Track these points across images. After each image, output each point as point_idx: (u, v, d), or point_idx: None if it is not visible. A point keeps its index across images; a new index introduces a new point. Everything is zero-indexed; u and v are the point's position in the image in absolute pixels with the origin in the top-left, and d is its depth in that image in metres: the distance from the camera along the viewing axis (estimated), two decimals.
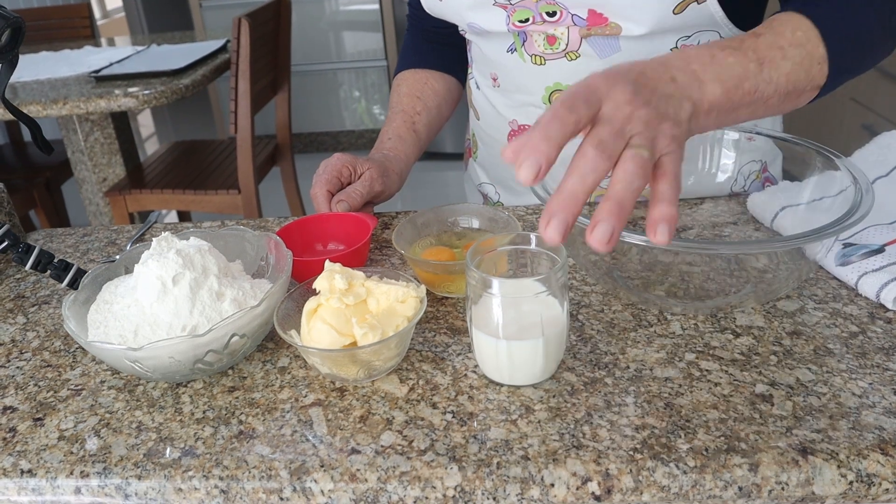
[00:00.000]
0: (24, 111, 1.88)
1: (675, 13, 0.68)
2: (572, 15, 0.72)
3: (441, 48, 0.95)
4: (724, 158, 0.72)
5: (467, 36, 0.86)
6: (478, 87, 0.89)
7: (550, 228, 0.43)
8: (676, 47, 0.73)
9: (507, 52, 0.79)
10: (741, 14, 0.71)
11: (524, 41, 0.77)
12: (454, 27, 0.89)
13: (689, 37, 0.73)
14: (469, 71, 0.93)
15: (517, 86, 0.81)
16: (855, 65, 0.61)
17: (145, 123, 4.51)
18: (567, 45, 0.74)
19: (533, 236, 0.54)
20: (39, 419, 0.54)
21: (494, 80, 0.84)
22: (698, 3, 0.68)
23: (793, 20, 0.58)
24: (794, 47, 0.56)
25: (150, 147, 4.15)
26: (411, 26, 0.98)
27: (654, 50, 0.73)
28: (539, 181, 0.43)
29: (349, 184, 0.78)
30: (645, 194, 0.43)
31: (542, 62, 0.77)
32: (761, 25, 0.58)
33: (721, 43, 0.55)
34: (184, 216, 2.57)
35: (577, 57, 0.75)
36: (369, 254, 0.73)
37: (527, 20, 0.74)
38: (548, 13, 0.73)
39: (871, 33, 0.61)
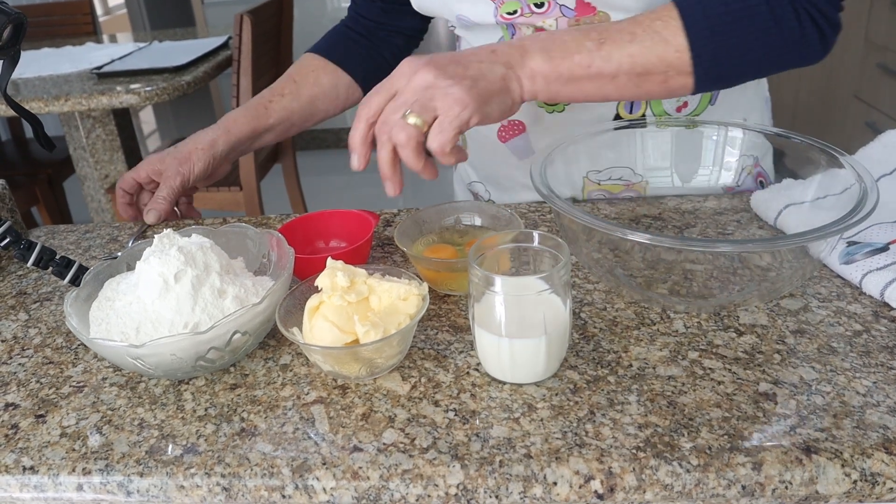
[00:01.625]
0: (26, 108, 1.88)
1: None
2: (560, 5, 0.71)
3: (356, 45, 0.93)
4: (727, 157, 0.72)
5: (456, 31, 0.84)
6: None
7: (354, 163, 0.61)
8: None
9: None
10: None
11: (513, 34, 0.76)
12: (392, 25, 0.89)
13: None
14: None
15: None
16: (740, 64, 0.62)
17: (147, 120, 4.51)
18: None
19: (536, 234, 0.54)
20: (41, 416, 0.54)
21: None
22: None
23: (661, 10, 0.62)
24: (646, 33, 0.61)
25: (152, 144, 4.15)
26: (349, 10, 0.97)
27: None
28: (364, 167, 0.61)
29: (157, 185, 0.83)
30: (644, 193, 0.47)
31: None
32: (632, 16, 0.63)
33: (570, 27, 0.63)
34: None
35: None
36: (371, 251, 0.73)
37: (515, 12, 0.73)
38: (536, 4, 0.72)
39: (759, 24, 0.60)
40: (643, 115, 0.78)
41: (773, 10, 0.60)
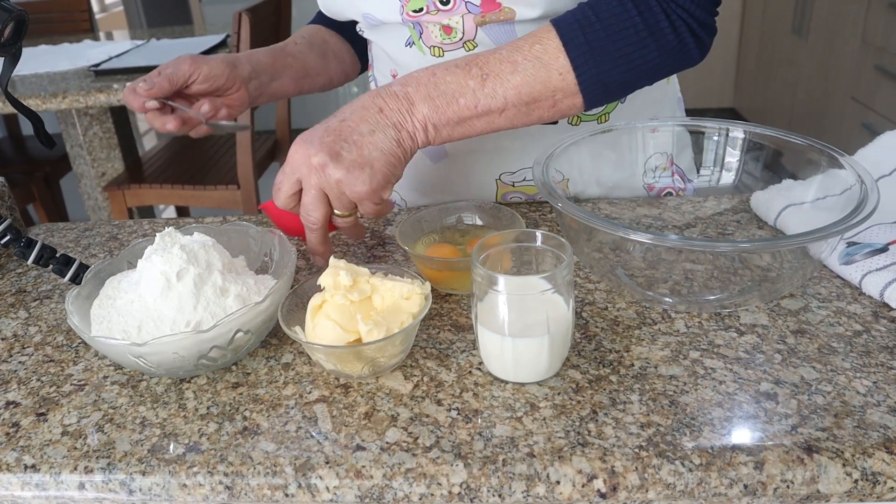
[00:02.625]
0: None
1: None
2: (465, 2, 0.70)
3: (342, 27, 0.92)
4: (728, 157, 0.72)
5: (365, 34, 0.83)
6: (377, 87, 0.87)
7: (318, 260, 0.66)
8: None
9: (406, 46, 0.77)
10: None
11: (421, 33, 0.75)
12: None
13: None
14: (368, 75, 0.90)
15: None
16: (624, 74, 0.63)
17: (143, 118, 4.49)
18: (463, 34, 0.72)
19: (539, 234, 0.54)
20: (42, 414, 0.53)
21: (394, 76, 0.81)
22: None
23: (540, 33, 0.63)
24: (527, 61, 0.62)
25: (149, 142, 4.13)
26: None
27: None
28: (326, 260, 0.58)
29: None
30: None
31: (441, 53, 0.75)
32: (512, 41, 0.63)
33: (452, 62, 0.63)
34: (182, 211, 2.57)
35: (475, 46, 0.73)
36: (372, 251, 0.73)
37: (421, 10, 0.72)
38: (441, 1, 0.71)
39: (633, 37, 0.61)
40: (556, 120, 0.77)
41: (647, 22, 0.61)
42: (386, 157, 0.61)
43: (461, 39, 0.73)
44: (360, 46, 0.93)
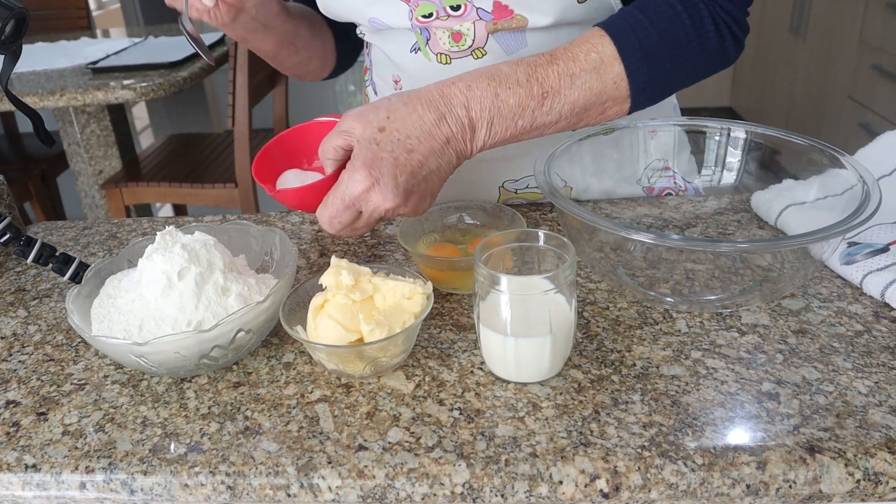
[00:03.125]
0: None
1: (579, 2, 0.68)
2: (477, 8, 0.69)
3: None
4: (729, 157, 0.72)
5: (367, 37, 0.81)
6: (376, 93, 0.85)
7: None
8: None
9: (411, 51, 0.75)
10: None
11: (428, 39, 0.73)
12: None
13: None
14: (366, 78, 0.88)
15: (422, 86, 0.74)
16: (670, 78, 0.63)
17: (140, 116, 4.48)
18: (473, 41, 0.72)
19: (541, 233, 0.54)
20: (43, 414, 0.53)
21: (397, 82, 0.80)
22: (579, 1, 0.69)
23: (593, 39, 0.61)
24: (585, 73, 0.60)
25: (145, 140, 4.12)
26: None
27: (557, 42, 0.72)
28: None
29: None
30: (635, 195, 0.47)
31: (448, 61, 0.74)
32: (565, 46, 0.62)
33: (512, 75, 0.60)
34: (180, 210, 2.56)
35: (483, 54, 0.72)
36: (373, 250, 0.73)
37: (430, 15, 0.71)
38: (452, 7, 0.70)
39: (683, 40, 0.61)
40: None
41: (694, 24, 0.61)
42: (443, 182, 0.62)
43: (470, 47, 0.72)
44: (345, 45, 0.90)
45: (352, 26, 0.86)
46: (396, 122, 0.58)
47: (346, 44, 0.90)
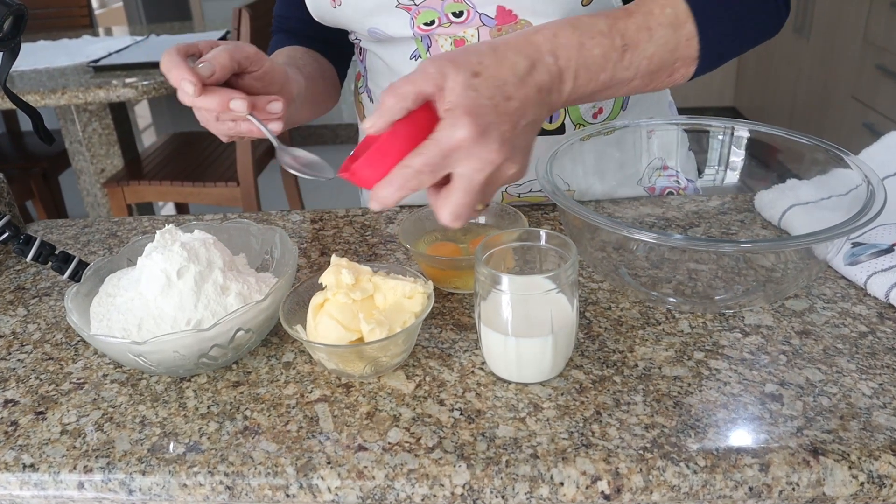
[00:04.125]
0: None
1: (584, 5, 0.68)
2: (480, 14, 0.68)
3: (314, 44, 0.84)
4: (732, 156, 0.71)
5: (363, 44, 0.79)
6: (372, 100, 0.82)
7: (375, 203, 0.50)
8: None
9: (411, 59, 0.74)
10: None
11: (429, 47, 0.72)
12: (328, 33, 0.80)
13: None
14: (359, 84, 0.86)
15: None
16: (734, 40, 0.62)
17: (142, 114, 4.48)
18: None
19: (543, 233, 0.54)
20: (41, 413, 0.53)
21: None
22: None
23: None
24: (662, 27, 0.57)
25: (147, 138, 4.13)
26: (277, 30, 0.87)
27: None
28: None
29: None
30: (637, 194, 0.46)
31: None
32: (635, 1, 0.59)
33: (594, 24, 0.55)
34: (182, 208, 2.56)
35: None
36: (373, 249, 0.73)
37: (432, 23, 0.69)
38: (454, 13, 0.68)
39: (748, 2, 0.60)
40: (562, 125, 0.77)
41: None
42: (534, 142, 0.54)
43: None
44: (341, 63, 0.88)
45: (342, 40, 0.84)
46: (490, 67, 0.51)
47: (343, 60, 0.88)
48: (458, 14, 0.69)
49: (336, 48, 0.86)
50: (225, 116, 0.61)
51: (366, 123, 0.50)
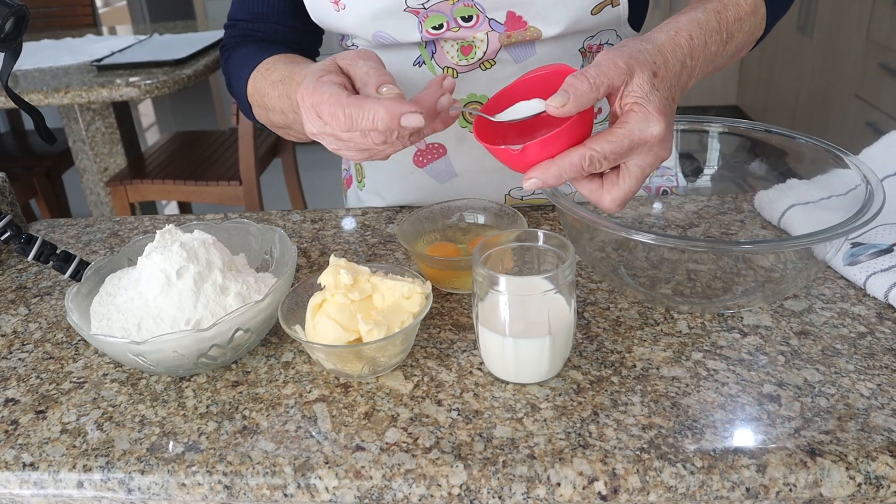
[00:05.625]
0: (26, 100, 1.87)
1: (592, 14, 0.68)
2: (489, 19, 0.68)
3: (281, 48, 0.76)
4: (732, 156, 0.71)
5: (364, 48, 0.75)
6: None
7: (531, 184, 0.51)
8: (583, 48, 0.74)
9: (414, 65, 0.73)
10: (636, 14, 0.73)
11: (433, 53, 0.71)
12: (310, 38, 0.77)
13: (594, 36, 0.73)
14: None
15: None
16: (778, 16, 0.65)
17: (146, 113, 4.49)
18: (485, 52, 0.70)
19: (541, 233, 0.54)
20: (41, 412, 0.53)
21: None
22: (612, 6, 0.69)
23: None
24: (748, 16, 0.61)
25: (151, 137, 4.14)
26: (236, 44, 0.78)
27: (564, 51, 0.72)
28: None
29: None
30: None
31: (455, 75, 0.72)
32: None
33: (709, 22, 0.58)
34: (184, 207, 2.57)
35: (493, 65, 0.71)
36: (373, 249, 0.73)
37: (441, 27, 0.69)
38: (463, 18, 0.68)
39: None
40: None
41: None
42: None
43: (479, 59, 0.71)
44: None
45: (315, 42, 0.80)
46: (662, 69, 0.53)
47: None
48: (468, 18, 0.69)
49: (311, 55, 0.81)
50: (413, 136, 0.56)
51: (553, 102, 0.50)
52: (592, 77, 0.49)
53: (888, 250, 0.61)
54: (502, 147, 0.52)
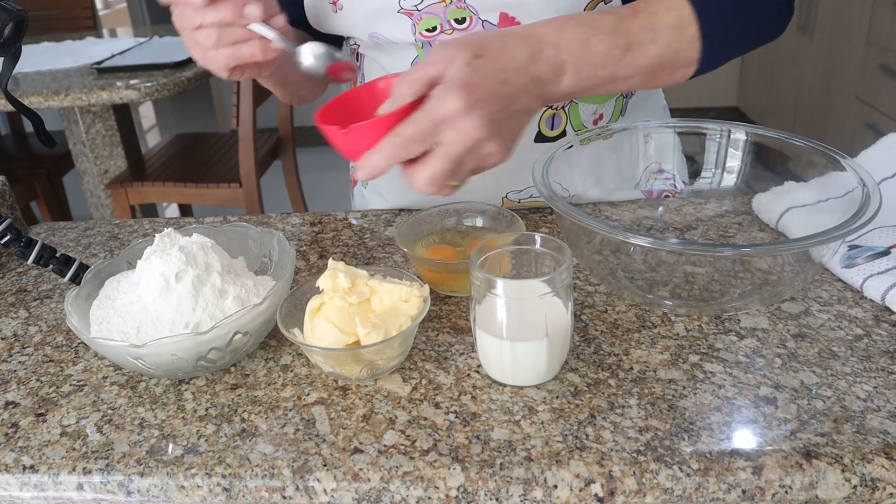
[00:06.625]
0: (26, 102, 1.87)
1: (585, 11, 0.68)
2: (482, 21, 0.68)
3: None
4: (729, 159, 0.71)
5: (361, 50, 0.79)
6: None
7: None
8: None
9: (411, 64, 0.74)
10: None
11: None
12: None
13: None
14: None
15: None
16: (737, 42, 0.63)
17: (146, 115, 4.50)
18: None
19: (538, 236, 0.54)
20: (41, 415, 0.54)
21: None
22: (605, 3, 0.69)
23: None
24: (666, 29, 0.59)
25: (151, 139, 4.14)
26: None
27: None
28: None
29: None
30: (635, 197, 0.46)
31: None
32: (643, 0, 0.60)
33: (599, 21, 0.58)
34: (185, 209, 2.57)
35: None
36: (372, 252, 0.73)
37: (434, 29, 0.69)
38: (457, 20, 0.68)
39: (750, 3, 0.61)
40: (563, 132, 0.77)
41: None
42: (522, 131, 0.57)
43: None
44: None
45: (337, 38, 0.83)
46: (492, 52, 0.54)
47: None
48: (461, 20, 0.69)
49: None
50: (228, 36, 0.60)
51: (381, 110, 0.53)
52: (410, 75, 0.52)
53: (885, 253, 0.61)
54: (332, 127, 0.54)
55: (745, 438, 0.46)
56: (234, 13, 0.58)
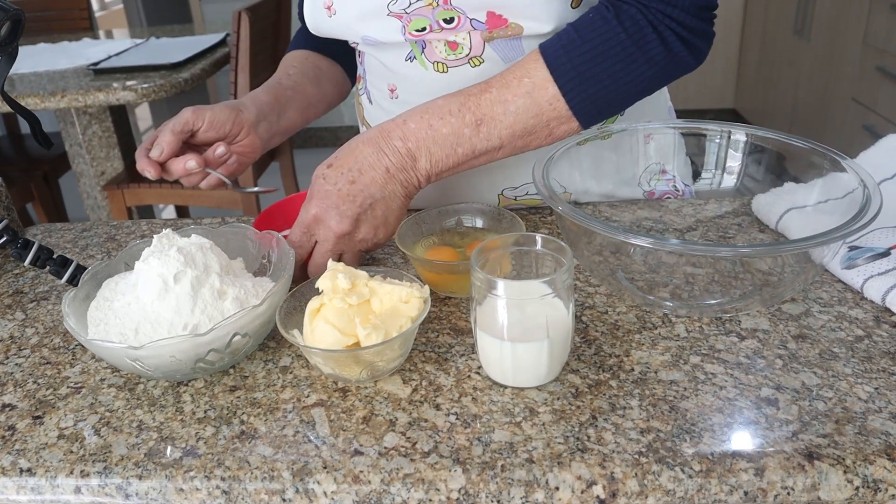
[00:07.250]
0: (22, 103, 1.86)
1: (573, 7, 0.68)
2: (471, 19, 0.69)
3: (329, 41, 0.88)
4: (730, 160, 0.71)
5: (361, 47, 0.80)
6: (371, 101, 0.83)
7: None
8: None
9: (406, 60, 0.74)
10: None
11: (423, 48, 0.72)
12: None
13: None
14: (358, 87, 0.87)
15: (419, 95, 0.72)
16: (613, 92, 0.63)
17: (143, 117, 4.49)
18: (470, 50, 0.71)
19: (539, 237, 0.54)
20: (39, 417, 0.53)
21: (392, 91, 0.78)
22: None
23: (528, 64, 0.63)
24: (519, 97, 0.62)
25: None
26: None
27: None
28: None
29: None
30: (635, 198, 0.46)
31: (445, 69, 0.73)
32: (501, 74, 0.64)
33: (445, 106, 0.64)
34: (182, 211, 2.56)
35: (481, 62, 0.72)
36: (371, 253, 0.73)
37: (424, 29, 0.70)
38: (445, 20, 0.69)
39: (621, 54, 0.61)
40: None
41: (632, 37, 0.61)
42: (397, 212, 0.65)
43: (467, 55, 0.72)
44: (348, 63, 0.92)
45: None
46: (341, 159, 0.64)
47: (350, 59, 0.91)
48: (449, 20, 0.69)
49: (341, 43, 0.87)
50: (191, 178, 0.76)
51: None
52: (295, 230, 0.65)
53: (885, 254, 0.61)
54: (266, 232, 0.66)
55: (746, 440, 0.46)
56: (183, 171, 0.75)
